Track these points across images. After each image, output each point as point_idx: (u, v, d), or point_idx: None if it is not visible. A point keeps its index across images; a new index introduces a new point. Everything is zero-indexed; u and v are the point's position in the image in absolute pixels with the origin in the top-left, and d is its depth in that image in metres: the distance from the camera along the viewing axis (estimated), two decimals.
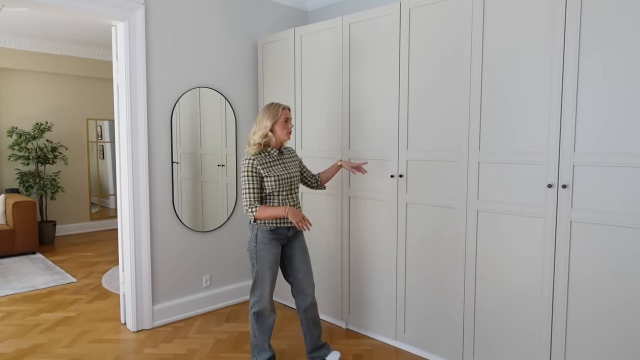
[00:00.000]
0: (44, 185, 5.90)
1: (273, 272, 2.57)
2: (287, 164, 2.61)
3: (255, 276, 2.56)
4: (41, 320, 3.48)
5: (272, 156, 2.55)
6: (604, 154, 2.07)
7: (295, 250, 2.64)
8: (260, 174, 2.48)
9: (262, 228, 2.52)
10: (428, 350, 2.82)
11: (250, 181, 2.46)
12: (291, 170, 2.60)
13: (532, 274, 2.34)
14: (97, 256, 5.42)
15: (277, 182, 2.50)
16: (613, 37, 2.02)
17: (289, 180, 2.57)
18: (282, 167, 2.56)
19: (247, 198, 2.46)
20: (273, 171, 2.50)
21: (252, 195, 2.46)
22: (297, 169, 2.67)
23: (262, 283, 2.55)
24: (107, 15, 3.03)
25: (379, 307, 3.05)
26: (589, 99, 2.10)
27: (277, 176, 2.50)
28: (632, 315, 2.03)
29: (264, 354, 2.63)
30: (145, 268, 3.27)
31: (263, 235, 2.52)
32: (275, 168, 2.53)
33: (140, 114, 3.18)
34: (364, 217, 3.08)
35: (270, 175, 2.48)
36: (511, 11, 2.33)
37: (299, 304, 2.69)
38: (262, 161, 2.50)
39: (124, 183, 3.21)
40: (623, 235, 2.04)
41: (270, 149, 2.56)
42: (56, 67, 6.33)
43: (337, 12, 3.89)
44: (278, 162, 2.56)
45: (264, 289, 2.56)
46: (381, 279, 3.02)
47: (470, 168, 2.53)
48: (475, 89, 2.47)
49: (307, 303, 2.67)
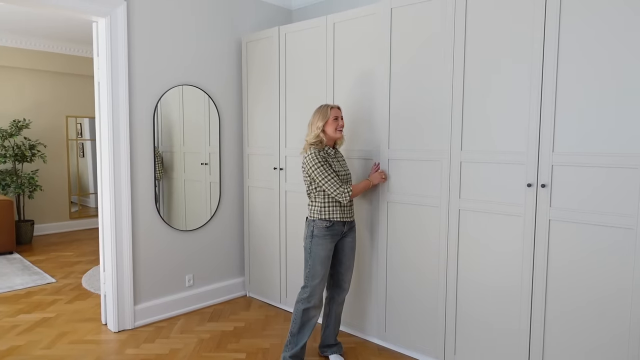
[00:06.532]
0: (21, 183, 5.77)
1: (325, 268, 2.62)
2: (341, 162, 2.73)
3: (308, 271, 2.61)
4: (19, 321, 3.41)
5: (328, 154, 2.64)
6: (581, 154, 2.12)
7: (346, 246, 2.72)
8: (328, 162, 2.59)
9: (318, 224, 2.59)
10: (410, 348, 2.85)
11: (327, 167, 2.54)
12: (346, 168, 2.74)
13: (512, 271, 2.38)
14: (77, 256, 5.33)
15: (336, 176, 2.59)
16: (591, 41, 2.07)
17: (346, 177, 2.68)
18: (338, 164, 2.68)
19: (333, 183, 2.53)
20: (333, 166, 2.61)
21: (335, 179, 2.55)
22: (348, 168, 2.80)
23: (313, 279, 2.60)
24: (88, 11, 2.98)
25: (362, 305, 3.07)
26: (568, 101, 2.15)
27: (337, 172, 2.60)
28: (607, 310, 2.09)
29: (296, 350, 2.64)
30: (127, 267, 3.23)
31: (319, 231, 2.59)
32: (334, 164, 2.63)
33: (122, 111, 3.14)
34: None
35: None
36: (493, 13, 2.37)
37: (332, 297, 2.79)
38: (324, 155, 2.59)
39: (105, 182, 3.17)
40: (600, 234, 2.09)
41: (327, 147, 2.64)
42: (35, 64, 6.20)
43: (321, 11, 3.90)
44: (334, 159, 2.67)
45: (315, 285, 2.60)
46: (363, 277, 3.04)
47: (452, 167, 2.56)
48: (457, 89, 2.51)
49: (342, 297, 2.79)
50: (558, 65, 2.16)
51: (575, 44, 2.11)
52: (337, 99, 3.07)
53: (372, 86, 2.89)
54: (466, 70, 2.47)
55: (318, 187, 2.59)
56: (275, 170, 3.54)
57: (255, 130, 3.73)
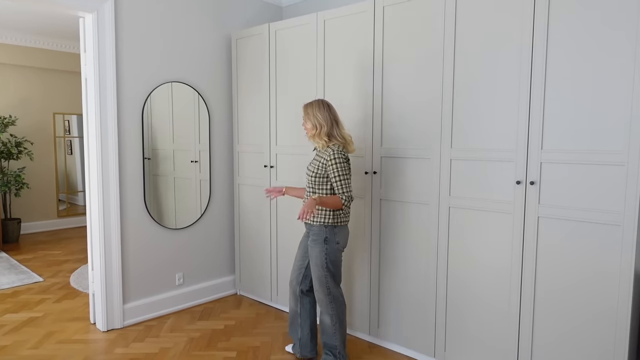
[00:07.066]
0: (7, 181, 5.69)
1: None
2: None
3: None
4: (5, 321, 3.36)
5: None
6: (570, 152, 2.14)
7: None
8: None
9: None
10: (402, 344, 2.86)
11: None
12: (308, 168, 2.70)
13: (501, 268, 2.40)
14: (65, 254, 5.26)
15: None
16: (580, 38, 2.08)
17: None
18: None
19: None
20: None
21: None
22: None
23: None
24: (75, 6, 2.93)
25: (353, 302, 3.07)
26: (556, 98, 2.16)
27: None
28: (596, 306, 2.11)
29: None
30: (116, 266, 3.20)
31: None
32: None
33: (110, 108, 3.10)
34: None
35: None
36: (483, 11, 2.37)
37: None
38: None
39: (94, 179, 3.13)
40: (588, 231, 2.11)
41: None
42: (21, 59, 6.10)
43: (311, 8, 3.88)
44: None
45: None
46: (354, 273, 3.04)
47: (442, 165, 2.57)
48: (447, 87, 2.51)
49: None
50: (547, 62, 2.17)
51: (564, 38, 2.12)
52: (327, 96, 3.07)
53: (363, 83, 2.88)
54: (456, 67, 2.48)
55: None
56: (266, 168, 3.53)
57: (246, 127, 3.71)
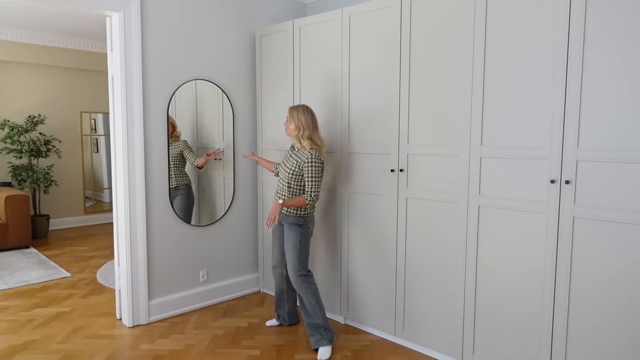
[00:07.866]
0: (37, 178, 5.82)
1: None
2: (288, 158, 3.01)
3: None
4: (35, 315, 3.43)
5: None
6: (608, 150, 2.04)
7: None
8: None
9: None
10: (427, 346, 2.80)
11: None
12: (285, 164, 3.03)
13: (534, 270, 2.31)
14: (91, 250, 5.36)
15: None
16: (618, 32, 1.99)
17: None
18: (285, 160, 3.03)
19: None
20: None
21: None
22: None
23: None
24: (102, 5, 2.96)
25: (377, 302, 3.03)
26: (594, 94, 2.07)
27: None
28: (635, 314, 2.02)
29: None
30: (141, 263, 3.23)
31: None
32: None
33: (136, 106, 3.13)
34: (361, 211, 3.05)
35: None
36: (515, 5, 2.29)
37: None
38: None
39: (120, 177, 3.16)
40: (627, 232, 2.02)
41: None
42: (50, 59, 6.23)
43: (335, 4, 3.84)
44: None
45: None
46: (380, 273, 3.00)
47: (472, 163, 2.50)
48: (477, 83, 2.44)
49: None
50: (584, 55, 2.08)
51: (601, 31, 2.03)
52: (353, 93, 3.02)
53: (391, 80, 2.82)
54: (486, 62, 2.40)
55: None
56: None
57: (270, 125, 3.69)
